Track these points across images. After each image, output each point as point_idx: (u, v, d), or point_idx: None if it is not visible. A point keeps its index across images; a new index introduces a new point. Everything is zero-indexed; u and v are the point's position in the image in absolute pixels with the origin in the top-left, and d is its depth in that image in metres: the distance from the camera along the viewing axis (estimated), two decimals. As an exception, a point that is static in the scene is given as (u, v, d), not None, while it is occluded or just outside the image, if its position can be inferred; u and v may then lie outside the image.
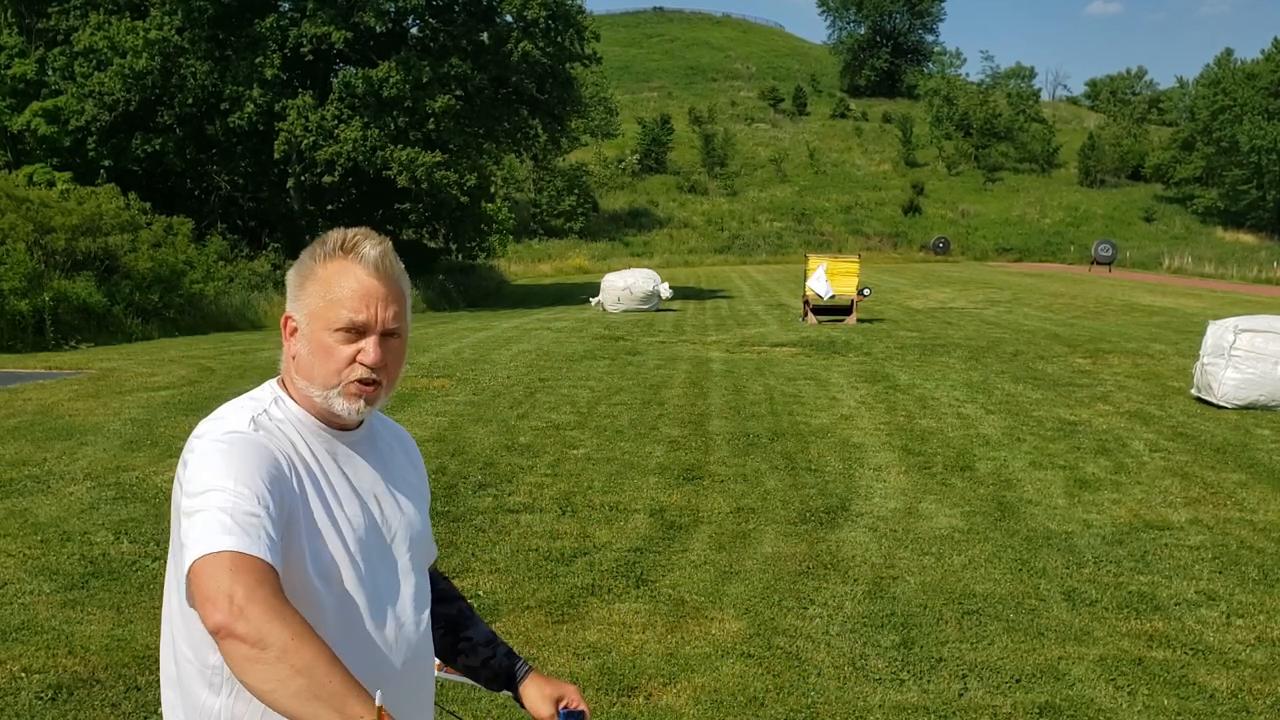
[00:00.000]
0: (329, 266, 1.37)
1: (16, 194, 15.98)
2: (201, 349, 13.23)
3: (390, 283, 1.39)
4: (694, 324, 17.06)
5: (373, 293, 1.37)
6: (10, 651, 3.73)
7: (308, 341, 1.38)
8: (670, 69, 78.96)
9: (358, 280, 1.36)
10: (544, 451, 7.08)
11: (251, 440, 1.32)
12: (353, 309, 1.36)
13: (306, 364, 1.39)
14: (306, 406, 1.42)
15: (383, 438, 1.54)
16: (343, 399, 1.38)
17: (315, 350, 1.37)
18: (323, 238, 1.42)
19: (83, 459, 6.63)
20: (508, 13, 23.58)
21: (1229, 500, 6.08)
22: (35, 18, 22.13)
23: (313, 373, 1.38)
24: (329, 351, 1.37)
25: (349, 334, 1.36)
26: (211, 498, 1.24)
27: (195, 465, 1.29)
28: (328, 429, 1.43)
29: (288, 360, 1.43)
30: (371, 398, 1.40)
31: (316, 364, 1.38)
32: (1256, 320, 9.23)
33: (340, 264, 1.37)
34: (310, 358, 1.38)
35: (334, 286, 1.36)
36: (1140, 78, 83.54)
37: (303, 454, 1.38)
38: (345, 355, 1.37)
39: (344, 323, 1.36)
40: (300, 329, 1.39)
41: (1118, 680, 3.67)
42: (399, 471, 1.52)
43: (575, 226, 47.87)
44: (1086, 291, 26.23)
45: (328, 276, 1.37)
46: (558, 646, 3.84)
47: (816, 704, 3.45)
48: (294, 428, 1.40)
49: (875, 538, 5.25)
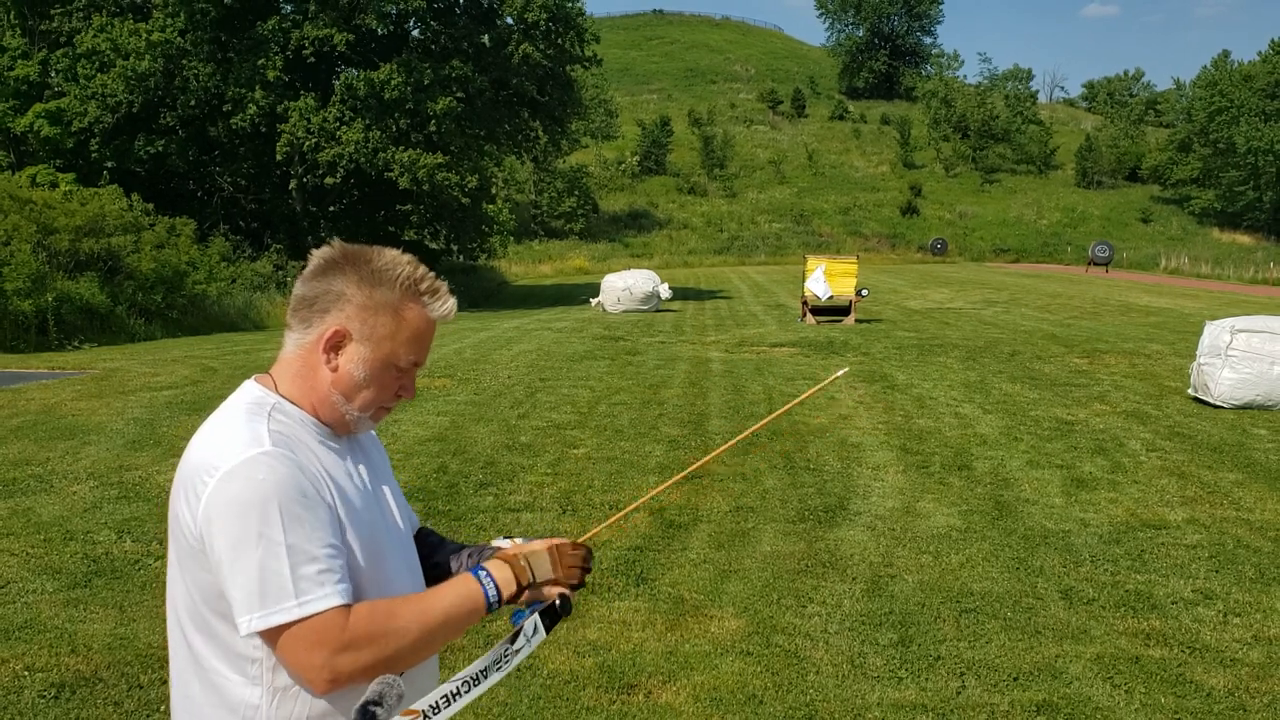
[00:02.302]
0: (412, 308, 1.44)
1: (20, 195, 16.03)
2: (204, 349, 13.26)
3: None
4: (693, 324, 17.09)
5: (431, 338, 1.49)
6: (13, 650, 3.75)
7: (367, 367, 1.42)
8: (670, 71, 79.01)
9: (431, 330, 1.47)
10: (544, 451, 7.11)
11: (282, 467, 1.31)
12: (419, 354, 1.46)
13: (354, 384, 1.43)
14: (312, 412, 1.43)
15: (360, 437, 1.57)
16: (372, 421, 1.47)
17: (374, 378, 1.43)
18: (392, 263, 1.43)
19: (86, 458, 6.65)
20: (508, 15, 23.63)
21: (1225, 499, 6.10)
22: (38, 20, 22.17)
23: (356, 394, 1.43)
24: (385, 384, 1.45)
25: (404, 371, 1.46)
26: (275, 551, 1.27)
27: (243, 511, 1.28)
28: (325, 429, 1.45)
29: (314, 369, 1.42)
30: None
31: (368, 390, 1.43)
32: (1253, 320, 9.25)
33: (422, 311, 1.45)
34: (364, 381, 1.43)
35: (413, 330, 1.44)
36: (1137, 79, 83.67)
37: (320, 457, 1.40)
38: (395, 389, 1.46)
39: (409, 365, 1.45)
40: (359, 351, 1.42)
41: (1115, 678, 3.69)
42: (382, 468, 1.58)
43: (575, 228, 47.92)
44: (1083, 292, 26.25)
45: (410, 318, 1.44)
46: (558, 645, 3.87)
47: (815, 702, 3.47)
48: (298, 431, 1.40)
49: (873, 536, 5.27)
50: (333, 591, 1.28)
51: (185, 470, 1.36)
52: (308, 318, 1.43)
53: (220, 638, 1.34)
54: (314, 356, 1.42)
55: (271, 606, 1.26)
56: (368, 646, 1.29)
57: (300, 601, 1.26)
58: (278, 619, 1.27)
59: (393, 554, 1.46)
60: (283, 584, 1.26)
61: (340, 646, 1.28)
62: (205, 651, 1.36)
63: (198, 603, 1.35)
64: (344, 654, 1.28)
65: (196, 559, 1.33)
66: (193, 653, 1.37)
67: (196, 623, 1.36)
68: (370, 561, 1.39)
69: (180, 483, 1.37)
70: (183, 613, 1.39)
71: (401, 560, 1.48)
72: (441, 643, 1.36)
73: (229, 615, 1.31)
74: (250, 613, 1.27)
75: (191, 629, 1.37)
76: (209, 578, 1.32)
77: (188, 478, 1.35)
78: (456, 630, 1.37)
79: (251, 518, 1.27)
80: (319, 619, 1.27)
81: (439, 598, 1.37)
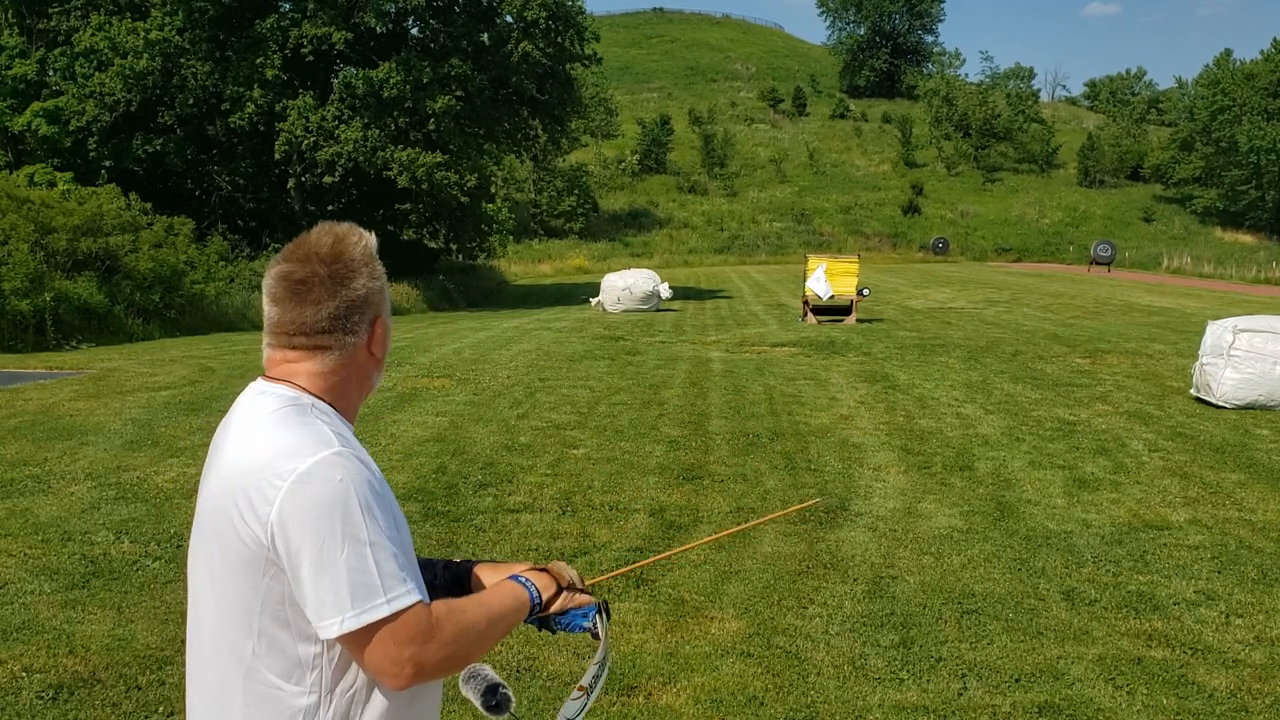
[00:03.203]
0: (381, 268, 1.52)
1: (18, 194, 16.01)
2: (202, 349, 13.24)
3: None
4: (694, 324, 17.07)
5: None
6: (11, 651, 3.74)
7: (388, 333, 1.52)
8: (670, 69, 78.99)
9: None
10: (544, 451, 7.09)
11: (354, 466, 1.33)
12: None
13: (381, 355, 1.52)
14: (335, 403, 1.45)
15: None
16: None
17: (386, 340, 1.53)
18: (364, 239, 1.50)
19: (83, 459, 6.64)
20: (508, 13, 23.61)
21: (1228, 500, 6.09)
22: (36, 18, 22.15)
23: (383, 360, 1.53)
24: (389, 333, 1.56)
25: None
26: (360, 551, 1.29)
27: (326, 512, 1.28)
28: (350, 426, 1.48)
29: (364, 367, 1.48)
30: None
31: (387, 348, 1.54)
32: (1255, 320, 9.23)
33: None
34: (385, 345, 1.52)
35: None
36: (1139, 78, 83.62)
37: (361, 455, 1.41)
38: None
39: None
40: (386, 326, 1.51)
41: (1117, 680, 3.67)
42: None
43: (575, 227, 47.89)
44: (1085, 292, 26.24)
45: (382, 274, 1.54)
46: (557, 646, 3.85)
47: (816, 703, 3.46)
48: (344, 428, 1.43)
49: (875, 537, 5.25)
50: (415, 588, 1.32)
51: (240, 476, 1.33)
52: (350, 329, 1.44)
53: (279, 645, 1.32)
54: (361, 355, 1.46)
55: (362, 605, 1.27)
56: (451, 642, 1.33)
57: (389, 599, 1.28)
58: (370, 617, 1.27)
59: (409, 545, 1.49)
60: (371, 583, 1.28)
61: (426, 640, 1.31)
62: (259, 663, 1.33)
63: (256, 612, 1.32)
64: (429, 647, 1.31)
65: (261, 567, 1.30)
66: (244, 664, 1.34)
67: (251, 632, 1.33)
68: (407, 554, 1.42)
69: (234, 489, 1.32)
70: (233, 623, 1.35)
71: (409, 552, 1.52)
72: (496, 640, 1.44)
73: (293, 622, 1.30)
74: (342, 613, 1.27)
75: (243, 638, 1.34)
76: (276, 585, 1.30)
77: (247, 483, 1.31)
78: (507, 629, 1.46)
79: (335, 519, 1.28)
80: (408, 615, 1.29)
81: (497, 598, 1.46)
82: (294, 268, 1.42)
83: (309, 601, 1.28)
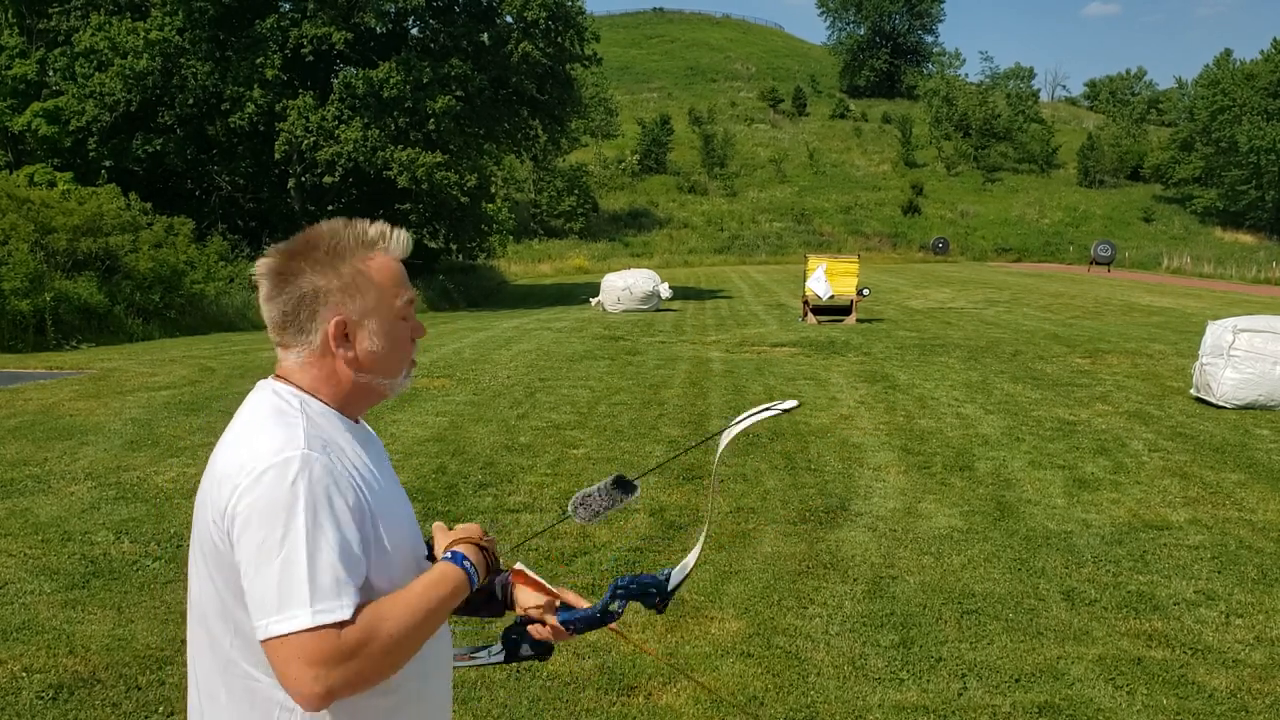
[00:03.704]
0: (374, 261, 1.44)
1: (18, 194, 16.01)
2: (202, 349, 13.24)
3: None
4: (694, 324, 17.07)
5: (404, 273, 1.49)
6: (11, 651, 3.73)
7: (384, 334, 1.44)
8: (670, 69, 79.00)
9: (399, 267, 1.47)
10: (544, 451, 7.09)
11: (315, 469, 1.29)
12: (405, 294, 1.47)
13: (383, 357, 1.44)
14: (332, 402, 1.43)
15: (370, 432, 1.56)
16: (407, 378, 1.50)
17: (393, 339, 1.45)
18: (332, 235, 1.44)
19: (83, 459, 6.63)
20: (508, 13, 23.61)
21: (1228, 500, 6.09)
22: (36, 18, 22.16)
23: (389, 364, 1.45)
24: (402, 338, 1.46)
25: (405, 316, 1.47)
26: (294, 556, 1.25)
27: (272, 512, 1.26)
28: (348, 424, 1.45)
29: (331, 369, 1.42)
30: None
31: (394, 355, 1.45)
32: (1255, 320, 9.23)
33: (384, 259, 1.45)
34: (387, 350, 1.44)
35: (387, 277, 1.44)
36: (1139, 78, 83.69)
37: (348, 454, 1.39)
38: (408, 336, 1.48)
39: (402, 309, 1.46)
40: (367, 327, 1.42)
41: (1117, 680, 3.67)
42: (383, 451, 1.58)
43: (575, 227, 47.89)
44: (1086, 292, 26.24)
45: (379, 271, 1.44)
46: (557, 646, 3.85)
47: (816, 703, 3.46)
48: (331, 428, 1.40)
49: (875, 537, 5.25)
50: (349, 604, 1.26)
51: (214, 473, 1.35)
52: (300, 328, 1.41)
53: (252, 640, 1.32)
54: (325, 359, 1.42)
55: (285, 612, 1.24)
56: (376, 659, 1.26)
57: (314, 610, 1.24)
58: (287, 626, 1.24)
59: (407, 547, 1.46)
60: (299, 590, 1.24)
61: (342, 661, 1.25)
62: (237, 655, 1.34)
63: (230, 605, 1.33)
64: (345, 668, 1.25)
65: (230, 563, 1.31)
66: (223, 658, 1.36)
67: (228, 626, 1.34)
68: (392, 553, 1.39)
69: (209, 485, 1.35)
70: (212, 618, 1.36)
71: (411, 553, 1.48)
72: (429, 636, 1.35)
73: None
74: (267, 616, 1.25)
75: (222, 632, 1.35)
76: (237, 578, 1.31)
77: (218, 480, 1.33)
78: (441, 620, 1.37)
79: (278, 520, 1.25)
80: (326, 632, 1.24)
81: (428, 591, 1.36)
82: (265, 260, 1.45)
83: (248, 599, 1.27)
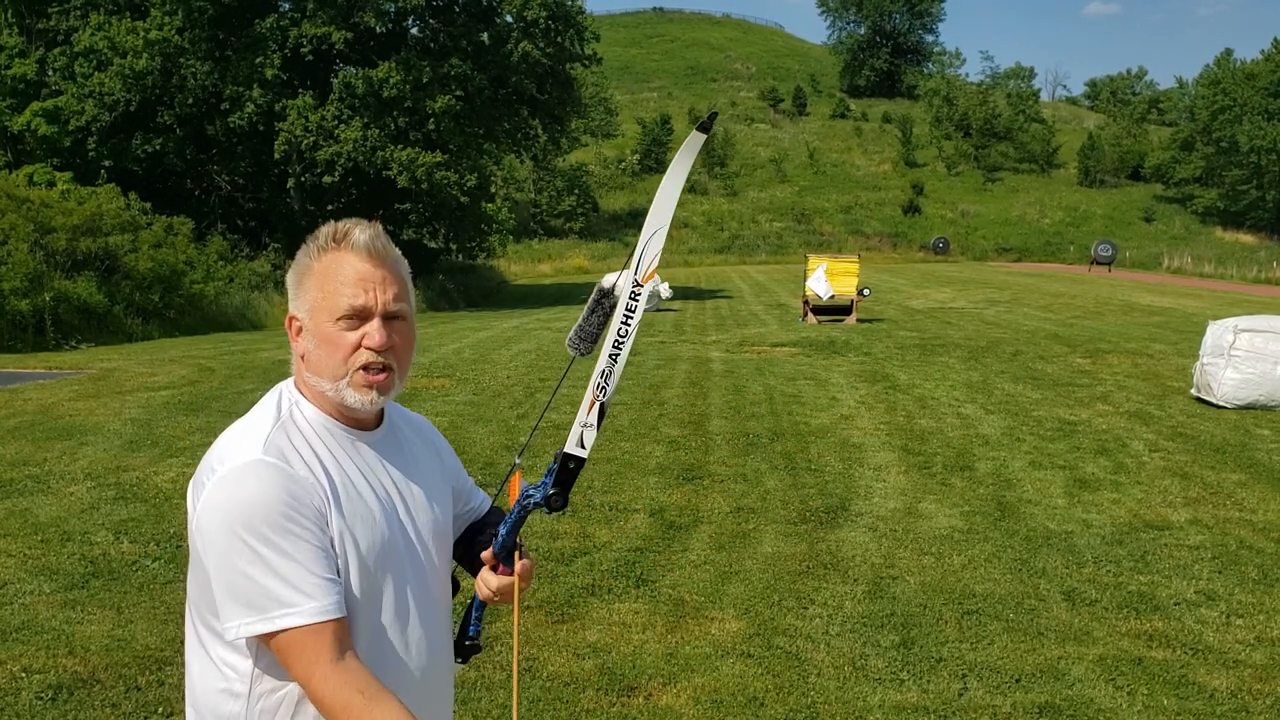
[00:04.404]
0: (324, 259, 1.37)
1: (17, 194, 16.00)
2: (202, 349, 13.23)
3: (386, 264, 1.38)
4: (694, 324, 17.06)
5: (369, 276, 1.36)
6: (10, 651, 3.73)
7: (314, 336, 1.37)
8: (670, 69, 78.95)
9: (353, 267, 1.36)
10: (544, 451, 7.08)
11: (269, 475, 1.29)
12: (351, 294, 1.35)
13: (315, 359, 1.37)
14: (323, 407, 1.40)
15: (403, 433, 1.52)
16: (352, 390, 1.37)
17: (322, 342, 1.36)
18: (314, 234, 1.41)
19: (83, 459, 6.63)
20: (508, 13, 23.60)
21: (1229, 500, 6.08)
22: (35, 18, 22.14)
23: (321, 367, 1.37)
24: (334, 341, 1.35)
25: (352, 321, 1.35)
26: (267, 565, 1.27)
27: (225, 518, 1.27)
28: (348, 430, 1.41)
29: (297, 361, 1.42)
30: (384, 386, 1.38)
31: (324, 356, 1.36)
32: (1256, 320, 9.23)
33: (335, 254, 1.37)
34: (318, 351, 1.37)
35: (331, 277, 1.35)
36: (1140, 78, 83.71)
37: (326, 465, 1.36)
38: (350, 342, 1.35)
39: (345, 309, 1.35)
40: (305, 326, 1.38)
41: (1117, 680, 3.67)
42: (423, 467, 1.53)
43: (575, 226, 47.87)
44: (1086, 291, 26.23)
45: (324, 269, 1.36)
46: (558, 646, 3.85)
47: (816, 704, 3.45)
48: (315, 434, 1.38)
49: (875, 538, 5.25)
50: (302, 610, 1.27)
51: (201, 464, 1.38)
52: (290, 305, 1.44)
53: (218, 632, 1.35)
54: (294, 350, 1.43)
55: (253, 615, 1.28)
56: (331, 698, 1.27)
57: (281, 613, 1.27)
58: (260, 628, 1.28)
59: (395, 566, 1.42)
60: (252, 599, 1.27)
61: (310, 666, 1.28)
62: (209, 644, 1.37)
63: (201, 597, 1.37)
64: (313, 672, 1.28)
65: (198, 557, 1.35)
66: (199, 637, 1.39)
67: (202, 618, 1.38)
68: (366, 573, 1.37)
69: (195, 475, 1.39)
70: (192, 607, 1.41)
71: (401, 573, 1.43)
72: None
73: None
74: (234, 619, 1.29)
75: (199, 624, 1.39)
76: (207, 579, 1.34)
77: (199, 471, 1.37)
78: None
79: (234, 527, 1.27)
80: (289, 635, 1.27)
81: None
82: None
83: (216, 603, 1.31)
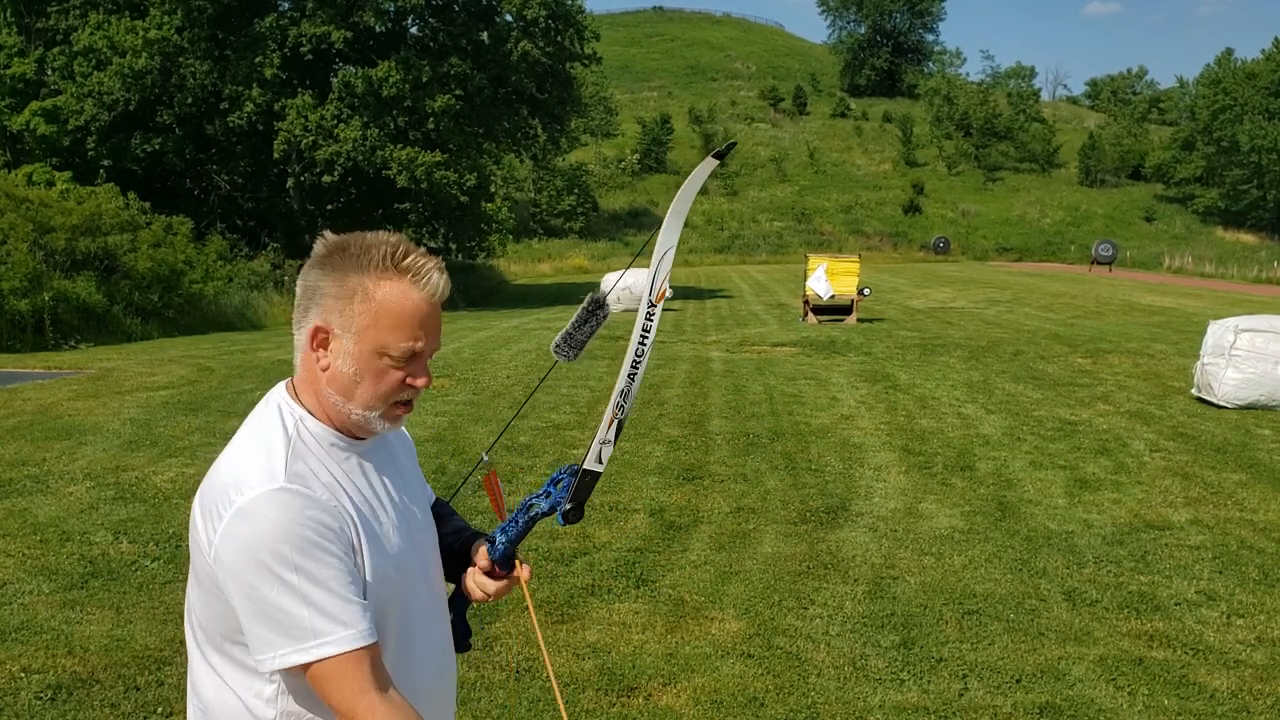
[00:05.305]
0: (385, 286, 1.30)
1: (16, 194, 15.99)
2: (201, 349, 13.23)
3: (440, 307, 1.36)
4: (694, 324, 17.06)
5: (432, 320, 1.34)
6: (9, 651, 3.72)
7: (354, 360, 1.32)
8: (670, 69, 78.91)
9: (418, 308, 1.31)
10: (544, 451, 7.07)
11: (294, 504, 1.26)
12: (414, 338, 1.32)
13: (347, 381, 1.32)
14: (327, 420, 1.36)
15: (386, 437, 1.50)
16: (384, 420, 1.36)
17: (365, 371, 1.32)
18: (365, 246, 1.32)
19: (82, 459, 6.62)
20: (507, 12, 23.59)
21: (1229, 500, 6.08)
22: (34, 17, 22.13)
23: (354, 392, 1.33)
24: (381, 375, 1.32)
25: (399, 358, 1.33)
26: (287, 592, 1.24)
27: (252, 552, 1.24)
28: (349, 442, 1.38)
29: (312, 372, 1.35)
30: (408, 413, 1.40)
31: (363, 385, 1.32)
32: (1257, 320, 9.22)
33: (399, 286, 1.31)
34: (355, 377, 1.32)
35: (393, 312, 1.30)
36: (1140, 77, 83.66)
37: (344, 486, 1.34)
38: (396, 379, 1.33)
39: (405, 352, 1.31)
40: (342, 344, 1.32)
41: (1118, 680, 3.66)
42: (406, 468, 1.52)
43: (575, 226, 47.86)
44: (1087, 291, 26.22)
45: (386, 298, 1.30)
46: (558, 646, 3.84)
47: (816, 704, 3.45)
48: (323, 450, 1.35)
49: (875, 538, 5.24)
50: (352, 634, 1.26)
51: (209, 487, 1.31)
52: (299, 318, 1.36)
53: (236, 658, 1.32)
54: (309, 358, 1.35)
55: (291, 646, 1.25)
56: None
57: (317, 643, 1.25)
58: (297, 659, 1.26)
59: (417, 573, 1.43)
60: (300, 625, 1.24)
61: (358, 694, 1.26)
62: (224, 668, 1.34)
63: (214, 623, 1.33)
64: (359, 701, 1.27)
65: (213, 585, 1.30)
66: (208, 661, 1.36)
67: (214, 643, 1.34)
68: (394, 586, 1.36)
69: (203, 498, 1.31)
70: (198, 629, 1.36)
71: (421, 579, 1.44)
72: None
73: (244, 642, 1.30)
74: (272, 650, 1.26)
75: (209, 648, 1.35)
76: (225, 608, 1.29)
77: (210, 497, 1.30)
78: None
79: (261, 558, 1.24)
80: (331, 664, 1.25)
81: None
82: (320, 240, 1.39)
83: (246, 635, 1.28)
